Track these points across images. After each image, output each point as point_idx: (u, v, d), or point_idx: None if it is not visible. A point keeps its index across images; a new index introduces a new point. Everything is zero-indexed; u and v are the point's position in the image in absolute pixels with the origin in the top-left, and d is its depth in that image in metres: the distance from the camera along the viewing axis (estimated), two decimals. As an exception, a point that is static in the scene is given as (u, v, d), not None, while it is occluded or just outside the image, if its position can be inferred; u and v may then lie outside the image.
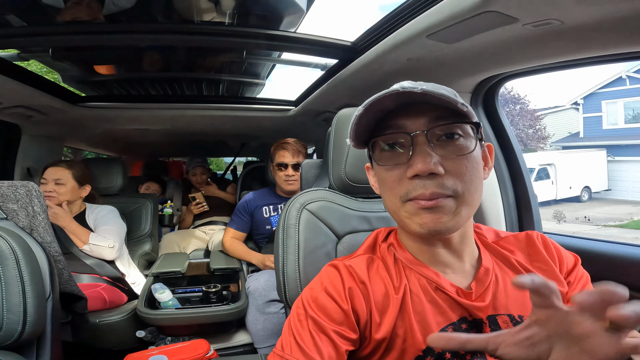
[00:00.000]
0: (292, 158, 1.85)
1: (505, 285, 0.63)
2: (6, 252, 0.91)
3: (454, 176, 0.56)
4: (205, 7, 1.37)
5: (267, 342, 1.60)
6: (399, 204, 0.60)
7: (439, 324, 0.61)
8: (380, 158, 0.62)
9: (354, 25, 12.78)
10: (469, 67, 1.12)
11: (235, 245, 2.00)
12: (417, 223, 0.58)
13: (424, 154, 0.55)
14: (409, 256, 0.67)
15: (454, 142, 0.57)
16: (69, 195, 1.82)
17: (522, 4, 0.70)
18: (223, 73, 2.01)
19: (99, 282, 1.68)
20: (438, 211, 0.56)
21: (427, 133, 0.56)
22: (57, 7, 1.28)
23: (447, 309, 0.61)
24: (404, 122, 0.58)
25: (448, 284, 0.62)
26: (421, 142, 0.56)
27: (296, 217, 0.94)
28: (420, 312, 0.61)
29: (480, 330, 0.61)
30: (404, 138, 0.58)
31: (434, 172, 0.55)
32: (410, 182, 0.57)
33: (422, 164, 0.55)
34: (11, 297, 0.89)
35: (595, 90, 11.84)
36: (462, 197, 0.56)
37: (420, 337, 0.60)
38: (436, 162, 0.55)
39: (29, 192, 1.16)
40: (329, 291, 0.64)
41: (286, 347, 0.61)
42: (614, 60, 0.94)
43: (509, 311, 0.61)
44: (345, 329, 0.61)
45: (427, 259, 0.65)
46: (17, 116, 1.80)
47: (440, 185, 0.55)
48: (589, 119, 11.93)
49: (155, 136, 2.95)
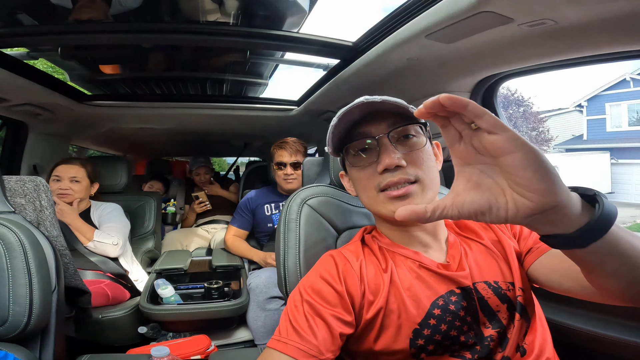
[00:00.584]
0: (290, 157, 1.89)
1: (474, 256, 0.72)
2: (14, 244, 0.93)
3: (414, 166, 0.68)
4: (209, 8, 1.40)
5: (268, 338, 1.59)
6: (374, 195, 0.70)
7: (428, 298, 0.66)
8: (353, 162, 0.74)
9: (355, 25, 12.93)
10: (467, 67, 1.14)
11: (237, 243, 2.03)
12: (391, 210, 0.68)
13: (389, 152, 0.68)
14: (389, 242, 0.76)
15: (410, 140, 0.70)
16: (83, 193, 1.86)
17: (516, 5, 0.72)
18: (227, 73, 2.04)
19: (103, 279, 1.70)
20: (408, 197, 0.67)
21: (388, 135, 0.68)
22: (66, 7, 1.31)
23: (434, 283, 0.68)
24: (369, 129, 0.71)
25: (429, 261, 0.71)
26: (385, 142, 0.69)
27: (297, 212, 0.95)
28: (409, 287, 0.67)
29: (470, 297, 0.67)
30: (370, 140, 0.71)
31: (398, 165, 0.67)
32: (380, 176, 0.69)
33: (388, 159, 0.67)
34: (18, 289, 0.91)
35: (599, 92, 11.80)
36: (423, 182, 0.68)
37: (413, 311, 0.65)
38: (399, 157, 0.67)
39: (37, 186, 1.19)
40: (324, 276, 0.69)
41: (283, 332, 0.64)
42: (607, 59, 0.96)
43: (484, 278, 0.69)
44: (341, 310, 0.65)
45: (407, 242, 0.74)
46: (25, 114, 1.83)
47: (405, 173, 0.67)
48: (592, 121, 11.89)
49: (160, 135, 2.98)
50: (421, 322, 0.64)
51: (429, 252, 0.73)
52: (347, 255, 0.73)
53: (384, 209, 0.69)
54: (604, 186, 10.78)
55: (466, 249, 0.73)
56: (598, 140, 11.46)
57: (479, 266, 0.70)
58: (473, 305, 0.66)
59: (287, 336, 0.63)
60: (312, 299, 0.66)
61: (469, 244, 0.75)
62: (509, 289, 0.67)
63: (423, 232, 0.73)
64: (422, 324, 0.64)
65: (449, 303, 0.65)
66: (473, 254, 0.72)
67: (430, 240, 0.74)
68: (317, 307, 0.65)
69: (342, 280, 0.68)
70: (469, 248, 0.74)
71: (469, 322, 0.65)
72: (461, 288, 0.67)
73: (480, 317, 0.66)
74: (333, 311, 0.65)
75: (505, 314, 0.66)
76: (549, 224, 0.40)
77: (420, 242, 0.73)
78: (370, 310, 0.66)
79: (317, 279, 0.70)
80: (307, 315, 0.64)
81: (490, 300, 0.66)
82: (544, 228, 0.41)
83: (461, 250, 0.72)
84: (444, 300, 0.66)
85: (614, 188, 10.77)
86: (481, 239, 0.75)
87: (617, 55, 0.90)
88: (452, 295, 0.66)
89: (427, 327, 0.64)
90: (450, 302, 0.65)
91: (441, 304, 0.65)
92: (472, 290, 0.67)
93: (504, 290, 0.67)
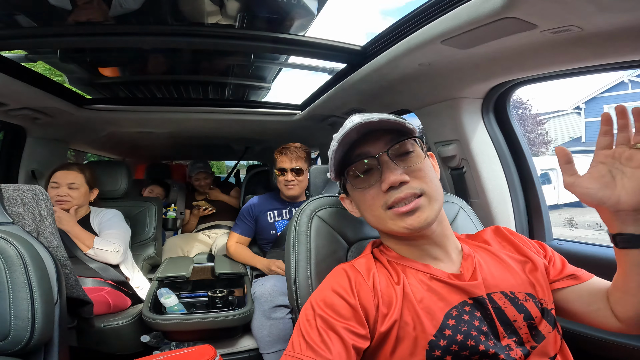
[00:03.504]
0: (291, 163, 1.86)
1: (488, 267, 0.72)
2: (14, 257, 0.90)
3: (417, 179, 0.69)
4: (211, 10, 1.37)
5: (273, 347, 1.58)
6: (382, 213, 0.71)
7: (441, 310, 0.65)
8: (356, 183, 0.74)
9: (355, 29, 12.49)
10: (481, 73, 1.11)
11: (240, 250, 1.99)
12: (402, 226, 0.69)
13: (391, 169, 0.69)
14: (397, 255, 0.75)
15: (409, 155, 0.71)
16: (81, 199, 1.82)
17: (544, 11, 0.69)
18: (229, 76, 2.01)
19: (103, 286, 1.67)
20: (417, 210, 0.68)
21: (387, 152, 0.70)
22: (65, 9, 1.28)
23: (446, 294, 0.67)
24: (367, 149, 0.72)
25: (439, 272, 0.70)
26: (386, 160, 0.70)
27: (307, 224, 0.93)
28: (421, 300, 0.67)
29: (483, 307, 0.66)
30: (370, 161, 0.71)
31: (402, 181, 0.68)
32: (386, 194, 0.69)
33: (392, 176, 0.68)
34: (19, 303, 0.88)
35: (597, 94, 11.85)
36: (429, 194, 0.69)
37: (428, 322, 0.64)
38: (402, 173, 0.69)
39: (36, 195, 1.15)
40: (336, 289, 0.68)
41: (296, 347, 0.63)
42: (628, 67, 0.94)
43: (500, 288, 0.69)
44: (354, 324, 0.64)
45: (416, 256, 0.74)
46: (23, 118, 1.79)
47: (410, 187, 0.68)
48: (591, 123, 11.93)
49: (160, 139, 2.94)
50: (436, 334, 0.63)
51: (439, 264, 0.73)
52: (359, 267, 0.72)
53: (395, 225, 0.70)
54: (603, 188, 10.78)
55: (480, 260, 0.73)
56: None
57: (493, 276, 0.70)
58: (488, 314, 0.66)
59: (301, 351, 0.62)
60: (325, 313, 0.65)
61: (484, 255, 0.75)
62: (526, 299, 0.68)
63: (432, 245, 0.73)
64: (437, 335, 0.63)
65: (462, 313, 0.65)
66: (488, 264, 0.73)
67: (439, 254, 0.73)
68: (331, 321, 0.64)
69: (355, 293, 0.67)
70: (484, 259, 0.74)
71: (486, 331, 0.64)
72: (474, 298, 0.67)
73: (497, 326, 0.65)
74: (346, 324, 0.63)
75: (522, 324, 0.66)
76: (636, 222, 0.57)
77: (430, 256, 0.73)
78: (384, 323, 0.65)
79: (329, 292, 0.68)
80: (321, 329, 0.63)
81: (507, 310, 0.66)
82: (627, 226, 0.58)
83: (475, 261, 0.72)
84: (458, 310, 0.65)
85: (612, 190, 10.79)
86: (498, 250, 0.76)
87: (637, 63, 0.88)
88: (466, 306, 0.66)
89: (442, 338, 0.63)
90: (465, 312, 0.65)
91: (455, 315, 0.65)
92: (486, 300, 0.67)
93: (521, 301, 0.67)
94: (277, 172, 1.91)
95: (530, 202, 1.35)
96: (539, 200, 1.32)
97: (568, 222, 8.74)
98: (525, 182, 1.34)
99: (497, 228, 0.83)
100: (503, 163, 1.33)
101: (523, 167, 1.33)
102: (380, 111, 0.92)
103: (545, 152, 12.95)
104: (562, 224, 8.81)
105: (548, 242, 1.31)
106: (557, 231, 1.34)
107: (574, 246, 1.22)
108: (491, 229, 0.84)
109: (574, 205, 10.45)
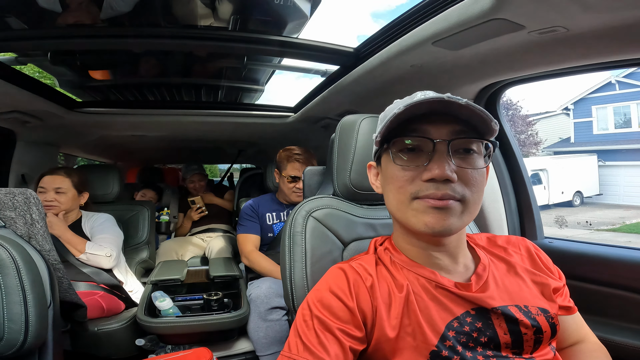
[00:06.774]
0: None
1: (503, 281, 0.68)
2: (6, 261, 0.89)
3: (464, 184, 0.61)
4: (203, 12, 1.37)
5: (269, 349, 1.58)
6: (407, 201, 0.63)
7: (443, 320, 0.62)
8: (397, 157, 0.65)
9: (346, 31, 12.56)
10: (472, 74, 1.13)
11: (260, 260, 1.84)
12: (422, 222, 0.61)
13: (442, 161, 0.60)
14: (404, 258, 0.70)
15: (470, 156, 0.63)
16: (69, 204, 1.80)
17: (531, 12, 0.71)
18: (222, 79, 2.00)
19: (96, 290, 1.66)
20: (446, 212, 0.60)
21: (449, 142, 0.60)
22: (55, 10, 1.27)
23: (450, 304, 0.64)
24: (428, 128, 0.62)
25: (446, 280, 0.65)
26: (442, 149, 0.61)
27: (302, 224, 0.93)
28: (424, 309, 0.63)
29: (486, 319, 0.63)
30: (425, 143, 0.62)
31: (448, 179, 0.59)
32: (423, 184, 0.61)
33: (439, 169, 0.59)
34: (12, 306, 0.87)
35: (585, 95, 12.04)
36: (467, 204, 0.62)
37: (429, 332, 0.61)
38: (452, 170, 0.60)
39: (27, 199, 1.14)
40: (334, 290, 0.65)
41: (293, 348, 0.62)
42: (614, 67, 0.96)
43: (515, 302, 0.65)
44: (351, 327, 0.62)
45: (424, 262, 0.68)
46: (13, 122, 1.77)
47: (452, 189, 0.60)
48: (579, 124, 12.11)
49: (152, 142, 2.92)
50: (438, 344, 0.60)
51: (447, 273, 0.68)
52: (359, 269, 0.69)
53: (415, 217, 0.62)
54: (593, 188, 10.97)
55: (495, 272, 0.69)
56: (585, 143, 11.66)
57: (508, 291, 0.66)
58: (490, 326, 0.63)
59: (298, 353, 0.60)
60: (322, 315, 0.63)
61: (501, 266, 0.71)
62: (538, 313, 0.65)
63: (442, 253, 0.68)
64: (439, 345, 0.60)
65: (463, 325, 0.62)
66: (502, 276, 0.69)
67: (448, 263, 0.68)
68: (328, 323, 0.62)
69: (354, 295, 0.64)
70: (500, 270, 0.70)
71: (484, 343, 0.62)
72: (476, 309, 0.63)
73: (499, 338, 0.62)
74: (343, 327, 0.62)
75: (530, 337, 0.64)
76: None
77: (437, 265, 0.68)
78: (383, 328, 0.63)
79: (326, 293, 0.66)
80: (318, 330, 0.61)
81: (521, 323, 0.63)
82: None
83: (488, 272, 0.68)
84: (459, 322, 0.62)
85: (602, 190, 10.97)
86: (518, 262, 0.72)
87: (624, 62, 0.90)
88: (467, 317, 0.63)
89: (444, 349, 0.60)
90: (465, 324, 0.62)
91: (456, 326, 0.62)
92: (490, 312, 0.63)
93: (534, 315, 0.64)
94: (288, 179, 1.86)
95: (522, 202, 1.37)
96: (530, 200, 1.35)
97: (559, 221, 8.88)
98: (516, 182, 1.36)
99: (528, 249, 0.76)
100: (494, 163, 1.35)
101: (514, 167, 1.35)
102: (374, 112, 0.93)
103: (536, 153, 13.12)
104: (552, 223, 8.95)
105: (539, 240, 1.33)
106: (548, 230, 1.36)
107: (564, 244, 1.24)
108: (519, 239, 0.78)
109: (564, 205, 10.61)
